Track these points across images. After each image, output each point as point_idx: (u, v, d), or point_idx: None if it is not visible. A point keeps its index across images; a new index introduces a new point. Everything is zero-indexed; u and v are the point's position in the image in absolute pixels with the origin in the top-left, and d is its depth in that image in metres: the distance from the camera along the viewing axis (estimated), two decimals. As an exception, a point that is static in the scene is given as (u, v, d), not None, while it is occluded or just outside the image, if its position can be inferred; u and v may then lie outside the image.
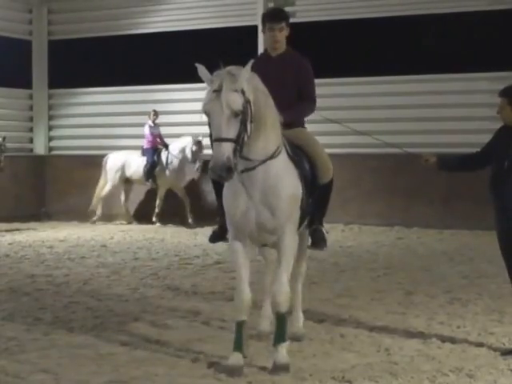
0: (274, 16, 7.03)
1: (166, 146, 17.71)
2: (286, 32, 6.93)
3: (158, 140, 17.79)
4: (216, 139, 5.67)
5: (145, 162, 17.51)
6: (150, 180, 17.57)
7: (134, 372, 6.18)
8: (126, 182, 18.19)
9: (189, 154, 17.21)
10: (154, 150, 17.68)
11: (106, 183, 18.09)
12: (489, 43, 16.48)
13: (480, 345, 6.99)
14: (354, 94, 17.70)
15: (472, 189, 14.77)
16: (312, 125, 7.52)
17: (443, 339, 7.18)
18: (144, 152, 17.72)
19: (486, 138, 7.01)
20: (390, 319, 8.05)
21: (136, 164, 17.72)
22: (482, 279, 10.33)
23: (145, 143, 17.79)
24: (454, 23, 16.92)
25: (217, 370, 6.11)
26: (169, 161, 17.50)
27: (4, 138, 17.05)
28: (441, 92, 17.01)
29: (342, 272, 11.15)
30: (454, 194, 15.86)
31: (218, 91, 5.67)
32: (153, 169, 17.46)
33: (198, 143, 17.00)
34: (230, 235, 6.34)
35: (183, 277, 10.79)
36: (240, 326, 6.25)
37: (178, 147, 17.42)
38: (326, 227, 7.04)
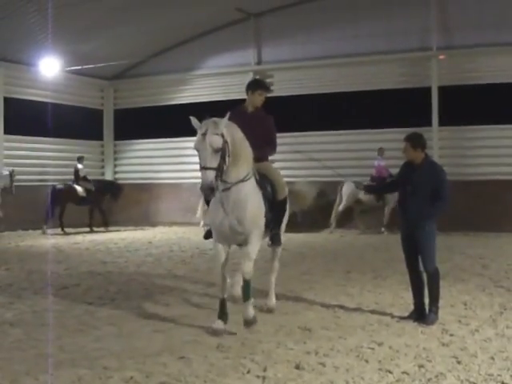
0: (256, 85, 6.64)
1: (390, 175, 14.86)
2: (263, 97, 6.53)
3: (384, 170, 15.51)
4: (203, 168, 5.33)
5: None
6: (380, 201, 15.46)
7: (168, 317, 6.20)
8: (357, 202, 15.91)
9: None
10: (381, 177, 15.26)
11: (342, 203, 15.99)
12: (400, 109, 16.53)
13: (393, 305, 7.03)
14: (317, 142, 17.20)
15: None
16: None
17: (370, 301, 7.21)
18: (372, 179, 15.38)
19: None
20: (336, 289, 8.07)
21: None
22: (395, 262, 10.15)
23: (374, 172, 15.67)
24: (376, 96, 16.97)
25: (207, 331, 5.81)
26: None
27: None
28: (365, 141, 16.97)
29: (304, 258, 11.16)
30: (376, 208, 15.84)
31: (204, 134, 5.38)
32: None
33: None
34: (213, 238, 5.97)
35: (201, 262, 10.77)
36: (222, 301, 5.92)
37: None
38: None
